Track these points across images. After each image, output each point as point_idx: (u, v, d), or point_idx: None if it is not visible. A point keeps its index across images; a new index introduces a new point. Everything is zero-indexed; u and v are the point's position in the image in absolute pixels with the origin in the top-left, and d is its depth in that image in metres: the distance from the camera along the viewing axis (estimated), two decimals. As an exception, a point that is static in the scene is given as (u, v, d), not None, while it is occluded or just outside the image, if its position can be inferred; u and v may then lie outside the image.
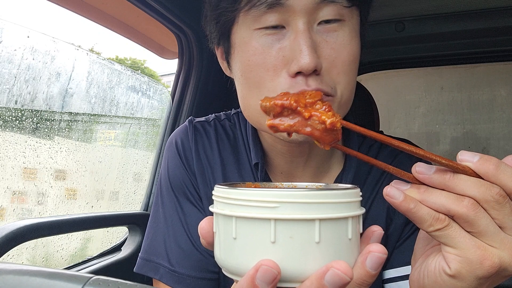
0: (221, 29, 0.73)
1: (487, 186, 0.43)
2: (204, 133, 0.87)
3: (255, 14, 0.66)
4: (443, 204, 0.44)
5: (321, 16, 0.66)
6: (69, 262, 1.33)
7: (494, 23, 1.61)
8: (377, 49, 1.95)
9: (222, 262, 0.42)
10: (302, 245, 0.37)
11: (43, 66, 1.27)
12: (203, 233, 0.47)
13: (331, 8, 0.66)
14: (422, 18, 1.66)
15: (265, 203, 0.37)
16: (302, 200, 0.37)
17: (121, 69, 1.69)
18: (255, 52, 0.68)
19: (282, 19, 0.66)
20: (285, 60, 0.66)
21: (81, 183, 1.53)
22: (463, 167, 0.44)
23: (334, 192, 0.39)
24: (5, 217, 1.33)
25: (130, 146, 1.90)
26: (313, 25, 0.67)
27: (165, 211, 0.84)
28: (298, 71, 0.64)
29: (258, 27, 0.67)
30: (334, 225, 0.38)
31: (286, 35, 0.67)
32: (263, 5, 0.65)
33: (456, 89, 2.38)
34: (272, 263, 0.36)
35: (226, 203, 0.40)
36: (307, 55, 0.62)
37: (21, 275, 0.45)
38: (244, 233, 0.38)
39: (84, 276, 0.43)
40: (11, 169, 1.30)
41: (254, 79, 0.69)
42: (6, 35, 1.15)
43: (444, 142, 2.41)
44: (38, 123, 1.32)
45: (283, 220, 0.36)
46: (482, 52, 1.87)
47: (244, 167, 0.83)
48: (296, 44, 0.64)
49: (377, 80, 2.29)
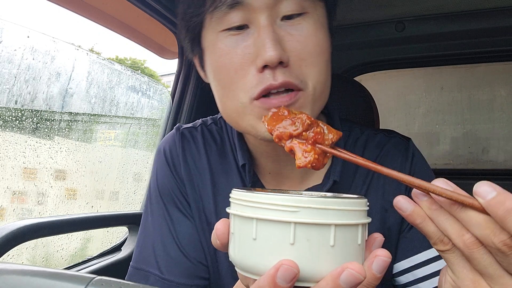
0: (192, 35, 0.75)
1: (493, 230, 0.39)
2: (191, 139, 0.88)
3: (218, 15, 0.68)
4: (446, 231, 0.43)
5: (282, 10, 0.67)
6: (69, 262, 1.33)
7: (494, 23, 1.61)
8: (377, 49, 1.95)
9: (239, 262, 0.44)
10: (318, 247, 0.40)
11: (43, 66, 1.27)
12: (218, 234, 0.48)
13: (291, 1, 0.67)
14: (422, 18, 1.66)
15: (286, 207, 0.40)
16: (321, 206, 0.40)
17: (121, 69, 1.69)
18: (222, 54, 0.69)
19: (245, 18, 0.67)
20: (251, 57, 0.67)
21: (81, 183, 1.53)
22: (472, 201, 0.40)
23: (348, 200, 0.41)
24: (5, 217, 1.33)
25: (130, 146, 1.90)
26: (275, 20, 0.67)
27: (154, 219, 0.85)
28: (265, 65, 0.65)
29: (223, 29, 0.69)
30: (347, 230, 0.41)
31: (250, 33, 0.68)
32: (225, 6, 0.66)
33: (456, 89, 2.38)
34: (292, 263, 0.39)
35: (247, 206, 0.43)
36: (270, 48, 0.63)
37: (23, 275, 0.45)
38: (265, 235, 0.41)
39: (86, 276, 0.43)
40: (11, 169, 1.30)
41: (225, 80, 0.70)
42: (6, 35, 1.15)
43: (444, 142, 2.41)
44: (38, 123, 1.32)
45: (302, 223, 0.39)
46: (482, 52, 1.87)
47: (232, 169, 0.84)
48: (259, 40, 0.65)
49: (377, 80, 2.29)
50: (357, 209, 0.42)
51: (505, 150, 2.29)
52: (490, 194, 0.39)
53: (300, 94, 0.67)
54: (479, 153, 2.34)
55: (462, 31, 1.66)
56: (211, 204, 0.83)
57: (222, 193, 0.83)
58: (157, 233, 0.83)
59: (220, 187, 0.84)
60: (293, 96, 0.66)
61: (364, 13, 1.65)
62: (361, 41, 1.83)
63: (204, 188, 0.84)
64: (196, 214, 0.84)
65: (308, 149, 0.51)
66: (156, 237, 0.83)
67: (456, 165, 2.37)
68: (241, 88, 0.68)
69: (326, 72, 0.72)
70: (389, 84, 2.46)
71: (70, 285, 0.42)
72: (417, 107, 2.46)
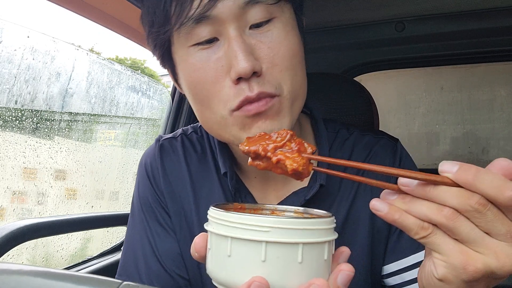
0: (160, 51, 0.74)
1: (466, 195, 0.44)
2: (171, 149, 0.89)
3: (185, 31, 0.67)
4: (425, 214, 0.46)
5: (250, 19, 0.66)
6: (69, 262, 1.33)
7: (494, 23, 1.61)
8: (377, 49, 1.95)
9: (215, 275, 0.48)
10: (288, 264, 0.43)
11: (43, 66, 1.27)
12: (197, 248, 0.51)
13: (258, 9, 0.66)
14: (422, 18, 1.66)
15: (259, 227, 0.43)
16: (290, 226, 0.43)
17: (121, 69, 1.69)
18: (195, 69, 0.68)
19: (213, 31, 0.66)
20: (225, 69, 0.66)
21: (81, 183, 1.53)
22: (442, 178, 0.45)
23: (315, 220, 0.45)
24: (5, 217, 1.33)
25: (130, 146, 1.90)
26: (244, 30, 0.67)
27: (136, 232, 0.86)
28: (239, 77, 0.64)
29: (192, 44, 0.68)
30: (314, 248, 0.45)
31: (220, 45, 0.67)
32: (191, 21, 0.65)
33: (456, 89, 2.38)
34: (263, 280, 0.43)
35: (223, 224, 0.46)
36: (242, 59, 0.63)
37: (38, 276, 0.44)
38: (238, 252, 0.44)
39: (114, 281, 0.42)
40: (11, 169, 1.30)
41: (202, 95, 0.70)
42: (6, 35, 1.15)
43: (444, 142, 2.41)
44: (38, 123, 1.32)
45: (273, 242, 0.43)
46: (482, 52, 1.87)
47: (213, 178, 0.84)
48: (230, 51, 0.65)
49: (377, 80, 2.28)
50: (324, 228, 0.46)
51: (505, 150, 2.29)
52: (455, 167, 0.44)
53: (276, 99, 0.67)
54: (479, 153, 2.34)
55: (462, 31, 1.66)
56: (193, 214, 0.83)
57: (204, 203, 0.83)
58: (139, 246, 0.84)
59: (202, 196, 0.84)
60: (268, 101, 0.66)
61: (364, 13, 1.65)
62: (361, 41, 1.83)
63: (186, 198, 0.84)
64: (178, 226, 0.84)
65: (295, 155, 0.53)
66: (138, 250, 0.83)
67: (456, 165, 2.37)
68: (219, 101, 0.68)
69: (301, 74, 0.72)
70: (389, 84, 2.46)
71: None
72: (417, 107, 2.46)
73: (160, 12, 0.68)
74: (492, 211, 0.43)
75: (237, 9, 0.65)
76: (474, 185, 0.43)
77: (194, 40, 0.67)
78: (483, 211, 0.43)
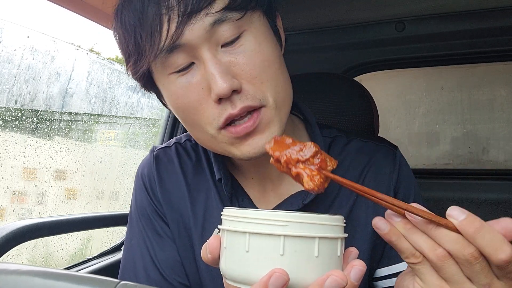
0: (142, 81, 0.76)
1: (463, 245, 0.47)
2: (166, 159, 0.90)
3: (161, 61, 0.68)
4: (420, 246, 0.50)
5: (220, 38, 0.66)
6: (69, 262, 1.33)
7: (494, 23, 1.60)
8: (377, 49, 1.95)
9: (231, 273, 0.49)
10: (305, 258, 0.45)
11: (43, 66, 1.27)
12: (211, 249, 0.52)
13: (226, 27, 0.66)
14: (422, 18, 1.66)
15: (276, 221, 0.45)
16: (307, 221, 0.45)
17: (121, 69, 1.69)
18: (178, 96, 0.69)
19: (188, 57, 0.67)
20: (205, 92, 0.67)
21: (81, 183, 1.53)
22: (446, 222, 0.48)
23: (330, 216, 0.47)
24: (5, 217, 1.33)
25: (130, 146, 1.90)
26: (217, 49, 0.67)
27: (134, 241, 0.86)
28: (220, 98, 0.65)
29: (170, 72, 0.69)
30: (329, 243, 0.47)
31: (197, 68, 0.68)
32: (163, 52, 0.66)
33: (456, 89, 2.38)
34: (283, 271, 0.44)
35: (240, 221, 0.48)
36: (219, 80, 0.63)
37: (34, 276, 0.44)
38: (257, 247, 0.46)
39: (111, 281, 0.42)
40: (11, 169, 1.30)
41: (189, 118, 0.71)
42: (6, 35, 1.15)
43: (444, 142, 2.41)
44: (38, 123, 1.32)
45: (290, 236, 0.45)
46: (483, 52, 1.87)
47: (209, 185, 0.85)
48: (207, 73, 0.65)
49: (377, 80, 2.28)
50: (338, 224, 0.48)
51: (505, 150, 2.29)
52: (462, 216, 0.47)
53: (262, 111, 0.67)
54: (479, 153, 2.34)
55: (462, 31, 1.66)
56: (191, 222, 0.84)
57: (201, 209, 0.84)
58: (138, 257, 0.84)
59: (199, 203, 0.84)
60: (255, 117, 0.67)
61: (364, 13, 1.65)
62: (361, 41, 1.83)
63: (183, 206, 0.85)
64: (176, 234, 0.85)
65: (315, 173, 0.55)
66: (138, 261, 0.84)
67: (456, 165, 2.37)
68: (205, 122, 0.69)
69: (283, 79, 0.72)
70: (389, 84, 2.46)
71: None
72: (417, 107, 2.46)
73: (132, 46, 0.69)
74: (481, 264, 0.47)
75: (205, 32, 0.65)
76: (474, 238, 0.47)
77: (171, 68, 0.68)
78: (473, 262, 0.47)
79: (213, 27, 0.65)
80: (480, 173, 2.15)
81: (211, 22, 0.64)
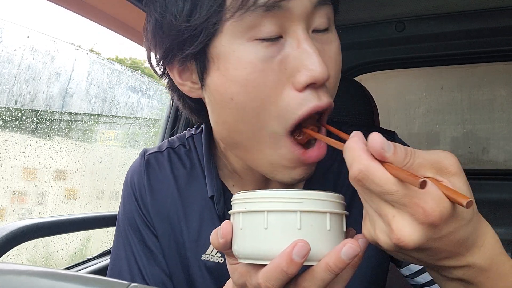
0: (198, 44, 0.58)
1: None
2: (157, 165, 0.82)
3: (248, 21, 0.54)
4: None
5: (315, 22, 0.58)
6: (69, 262, 1.33)
7: (494, 23, 1.60)
8: (377, 49, 1.95)
9: (250, 251, 0.51)
10: (319, 231, 0.49)
11: (43, 66, 1.27)
12: (225, 233, 0.51)
13: (324, 12, 0.59)
14: (422, 18, 1.66)
15: (292, 199, 0.49)
16: (319, 197, 0.49)
17: (121, 69, 1.69)
18: (254, 68, 0.55)
19: (280, 26, 0.55)
20: (286, 75, 0.56)
21: (81, 183, 1.53)
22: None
23: (337, 195, 0.51)
24: (5, 217, 1.33)
25: (130, 146, 1.90)
26: (309, 32, 0.58)
27: (122, 251, 0.81)
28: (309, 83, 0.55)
29: (253, 38, 0.55)
30: (337, 218, 0.51)
31: (286, 44, 0.56)
32: (260, 9, 0.54)
33: (457, 89, 2.38)
34: (305, 242, 0.46)
35: (256, 202, 0.51)
36: (318, 63, 0.54)
37: (34, 276, 0.43)
38: (275, 223, 0.49)
39: (122, 283, 0.41)
40: (11, 169, 1.30)
41: (253, 103, 0.57)
42: (6, 35, 1.15)
43: (444, 142, 2.41)
44: (38, 123, 1.32)
45: (306, 211, 0.48)
46: (483, 52, 1.87)
47: (204, 194, 0.78)
48: (301, 52, 0.55)
49: (377, 80, 2.28)
50: (342, 202, 0.52)
51: (505, 150, 2.29)
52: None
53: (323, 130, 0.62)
54: (479, 153, 2.34)
55: (462, 31, 1.66)
56: (183, 233, 0.78)
57: (194, 220, 0.78)
58: (125, 268, 0.80)
59: (192, 213, 0.78)
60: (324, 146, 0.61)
61: (364, 13, 1.65)
62: (361, 41, 1.83)
63: (174, 217, 0.79)
64: (166, 247, 0.79)
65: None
66: (125, 272, 0.79)
67: (456, 165, 2.36)
68: (276, 112, 0.57)
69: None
70: (389, 84, 2.46)
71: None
72: (417, 107, 2.46)
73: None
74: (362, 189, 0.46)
75: (311, 7, 0.56)
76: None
77: (256, 33, 0.55)
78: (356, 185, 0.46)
79: (317, 6, 0.57)
80: (480, 173, 2.15)
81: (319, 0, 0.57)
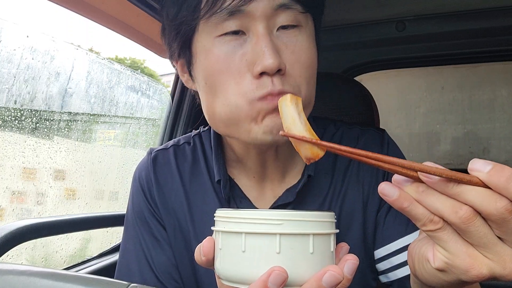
0: (182, 39, 0.74)
1: (494, 198, 0.40)
2: (163, 162, 0.89)
3: (215, 21, 0.67)
4: (437, 209, 0.43)
5: (279, 21, 0.68)
6: (69, 262, 1.33)
7: (494, 22, 1.60)
8: (377, 49, 1.95)
9: (228, 273, 0.49)
10: (300, 254, 0.46)
11: (42, 66, 1.27)
12: (205, 251, 0.52)
13: (288, 14, 0.69)
14: (422, 17, 1.66)
15: (271, 221, 0.46)
16: (301, 218, 0.46)
17: (120, 68, 1.69)
18: (218, 60, 0.69)
19: (242, 25, 0.68)
20: (248, 64, 0.67)
21: (81, 183, 1.53)
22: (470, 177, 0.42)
23: (322, 213, 0.48)
24: (4, 217, 1.33)
25: (130, 146, 1.90)
26: (272, 30, 0.69)
27: (130, 244, 0.86)
28: (262, 72, 0.65)
29: (219, 34, 0.68)
30: (323, 239, 0.48)
31: (247, 40, 0.68)
32: (224, 12, 0.66)
33: (457, 89, 2.37)
34: (282, 269, 0.44)
35: (235, 222, 0.48)
36: (270, 55, 0.64)
37: (34, 276, 0.43)
38: (253, 246, 0.46)
39: (121, 283, 0.42)
40: (11, 169, 1.29)
41: (219, 85, 0.70)
42: (6, 35, 1.15)
43: (445, 142, 2.41)
44: (38, 123, 1.32)
45: (286, 234, 0.46)
46: (483, 52, 1.87)
47: (207, 187, 0.84)
48: (258, 47, 0.66)
49: (377, 80, 2.28)
50: (330, 221, 0.49)
51: (506, 150, 2.28)
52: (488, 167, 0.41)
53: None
54: (480, 153, 2.34)
55: (462, 30, 1.66)
56: (188, 225, 0.84)
57: (198, 212, 0.84)
58: (134, 259, 0.84)
59: (196, 206, 0.84)
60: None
61: (364, 13, 1.65)
62: (361, 41, 1.83)
63: (180, 209, 0.85)
64: (173, 237, 0.85)
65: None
66: (133, 263, 0.84)
67: (456, 165, 2.37)
68: (237, 92, 0.68)
69: (313, 85, 0.74)
70: (389, 84, 2.46)
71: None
72: (417, 107, 2.45)
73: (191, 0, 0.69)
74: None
75: (270, 9, 0.67)
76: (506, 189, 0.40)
77: (221, 30, 0.68)
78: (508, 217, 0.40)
79: (278, 9, 0.67)
80: (481, 173, 2.14)
81: (279, 4, 0.67)
